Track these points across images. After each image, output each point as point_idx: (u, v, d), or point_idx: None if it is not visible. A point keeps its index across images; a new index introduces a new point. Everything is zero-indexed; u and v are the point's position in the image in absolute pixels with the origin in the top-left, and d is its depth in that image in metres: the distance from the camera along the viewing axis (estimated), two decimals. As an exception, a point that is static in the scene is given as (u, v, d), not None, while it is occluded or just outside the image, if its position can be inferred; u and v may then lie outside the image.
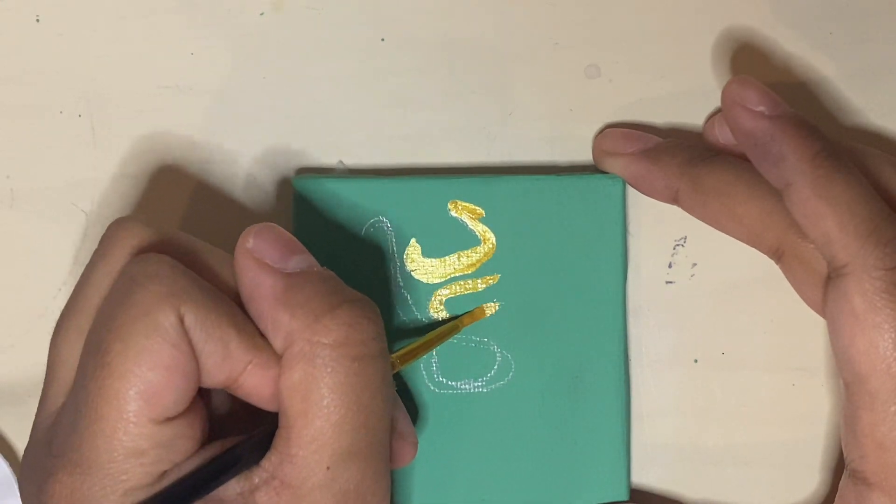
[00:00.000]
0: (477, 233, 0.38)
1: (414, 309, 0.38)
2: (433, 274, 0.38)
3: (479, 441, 0.38)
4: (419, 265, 0.38)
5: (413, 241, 0.38)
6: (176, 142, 0.39)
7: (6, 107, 0.39)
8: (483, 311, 0.38)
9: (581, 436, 0.38)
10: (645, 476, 0.40)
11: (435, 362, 0.38)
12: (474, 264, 0.38)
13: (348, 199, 0.38)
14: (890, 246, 0.32)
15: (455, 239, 0.38)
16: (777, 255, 0.36)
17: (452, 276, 0.38)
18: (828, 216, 0.32)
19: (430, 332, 0.37)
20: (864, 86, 0.39)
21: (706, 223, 0.37)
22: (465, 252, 0.38)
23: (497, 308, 0.38)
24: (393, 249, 0.38)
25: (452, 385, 0.38)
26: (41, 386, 0.33)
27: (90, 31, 0.39)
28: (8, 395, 0.39)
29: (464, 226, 0.38)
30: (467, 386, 0.38)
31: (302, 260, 0.32)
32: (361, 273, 0.38)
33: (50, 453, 0.30)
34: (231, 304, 0.31)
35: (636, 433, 0.39)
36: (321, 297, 0.31)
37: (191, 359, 0.30)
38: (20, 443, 0.40)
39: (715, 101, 0.39)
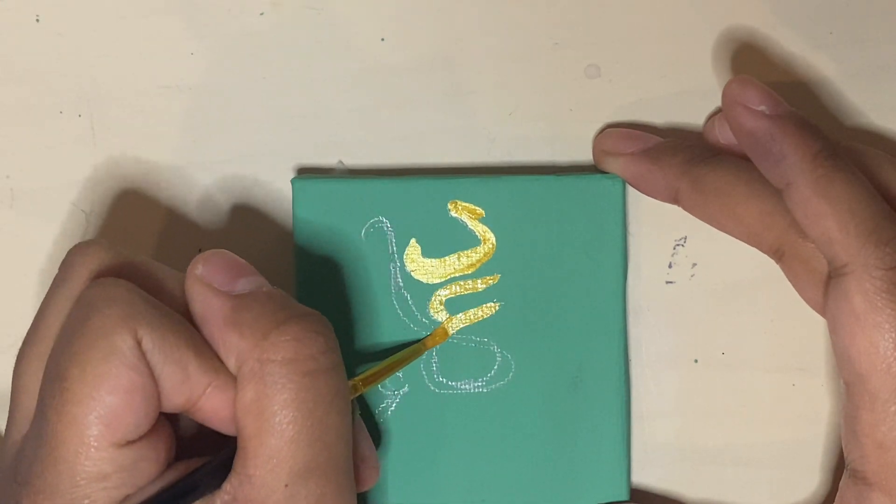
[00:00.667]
0: (477, 233, 0.38)
1: (414, 309, 0.38)
2: (433, 274, 0.38)
3: (478, 441, 0.38)
4: (419, 265, 0.38)
5: (413, 241, 0.38)
6: (176, 142, 0.39)
7: (6, 107, 0.39)
8: (445, 333, 0.38)
9: (581, 436, 0.38)
10: (645, 476, 0.40)
11: (435, 362, 0.38)
12: (474, 264, 0.38)
13: (348, 199, 0.38)
14: (890, 245, 0.32)
15: (455, 239, 0.38)
16: (777, 255, 0.36)
17: (452, 276, 0.38)
18: (828, 216, 0.32)
19: (394, 356, 0.37)
20: (864, 86, 0.39)
21: (706, 223, 0.37)
22: (465, 252, 0.38)
23: (497, 308, 0.38)
24: (393, 250, 0.38)
25: (452, 385, 0.38)
26: (9, 406, 0.33)
27: (90, 31, 0.39)
28: (8, 395, 0.39)
29: (464, 226, 0.38)
30: (467, 386, 0.38)
31: (249, 282, 0.32)
32: (361, 274, 0.38)
33: (15, 481, 0.30)
34: (189, 327, 0.32)
35: (636, 433, 0.39)
36: (268, 315, 0.31)
37: (150, 381, 0.30)
38: (20, 443, 0.40)
39: (715, 101, 0.39)
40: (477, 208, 0.38)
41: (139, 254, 0.33)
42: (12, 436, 0.32)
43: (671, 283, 0.40)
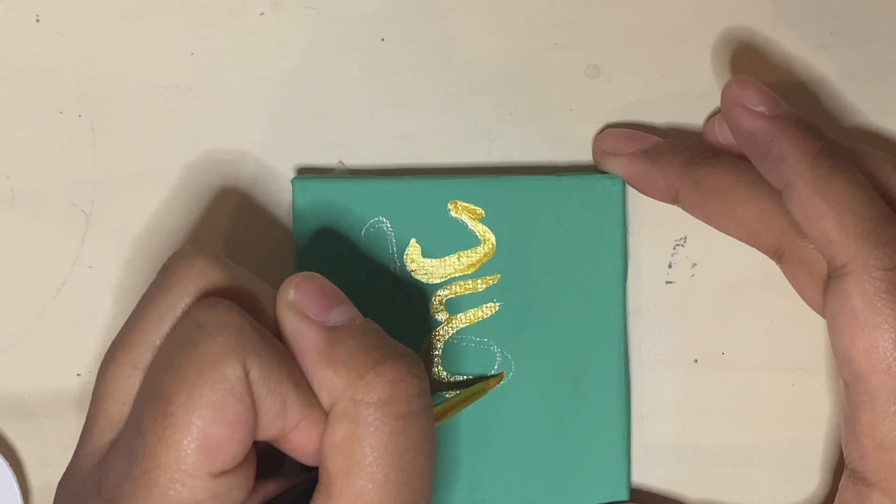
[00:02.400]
0: (477, 233, 0.38)
1: (414, 309, 0.38)
2: (433, 274, 0.38)
3: (479, 441, 0.38)
4: (419, 265, 0.38)
5: (413, 241, 0.38)
6: (176, 142, 0.39)
7: (6, 107, 0.39)
8: (501, 377, 0.38)
9: (581, 436, 0.38)
10: (645, 476, 0.40)
11: (435, 362, 0.38)
12: (474, 264, 0.38)
13: (348, 199, 0.38)
14: (890, 246, 0.32)
15: (455, 239, 0.38)
16: (777, 256, 0.36)
17: (452, 276, 0.38)
18: (827, 216, 0.32)
19: (458, 394, 0.37)
20: (863, 86, 0.39)
21: (706, 223, 0.37)
22: (465, 252, 0.38)
23: (497, 308, 0.38)
24: (393, 250, 0.38)
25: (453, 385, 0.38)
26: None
27: (90, 31, 0.39)
28: (8, 395, 0.39)
29: (464, 226, 0.38)
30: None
31: (343, 312, 0.32)
32: (361, 274, 0.38)
33: (99, 495, 0.30)
34: (291, 357, 0.31)
35: (636, 433, 0.39)
36: (364, 353, 0.30)
37: (252, 413, 0.29)
38: (20, 443, 0.39)
39: (715, 101, 0.39)
40: (477, 208, 0.38)
41: (242, 269, 0.33)
42: (94, 440, 0.31)
43: (671, 283, 0.40)
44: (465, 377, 0.38)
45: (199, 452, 0.29)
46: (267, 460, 0.33)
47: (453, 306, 0.38)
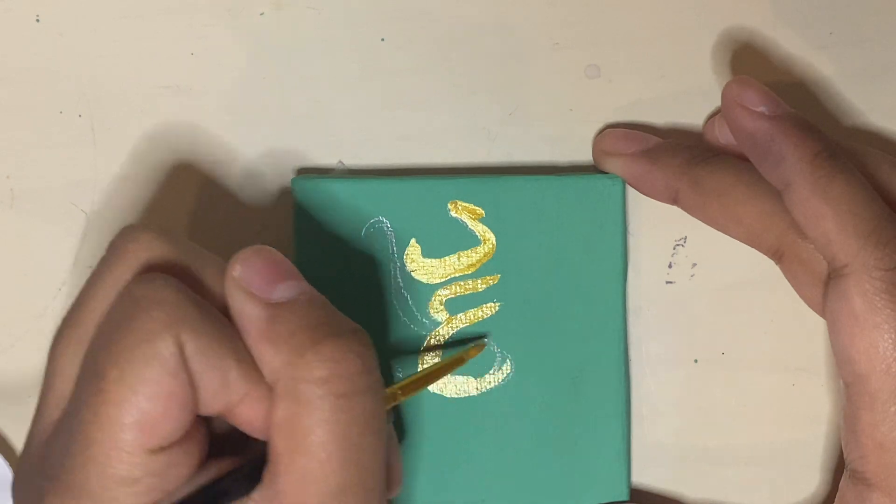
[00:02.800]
0: (477, 233, 0.38)
1: (414, 309, 0.38)
2: (433, 274, 0.38)
3: (478, 441, 0.38)
4: (419, 265, 0.38)
5: (413, 241, 0.38)
6: (176, 142, 0.39)
7: (6, 107, 0.39)
8: (482, 346, 0.38)
9: (581, 436, 0.38)
10: (645, 476, 0.40)
11: (435, 363, 0.38)
12: (474, 264, 0.38)
13: (348, 199, 0.38)
14: (890, 246, 0.32)
15: (455, 239, 0.38)
16: (777, 256, 0.36)
17: (452, 276, 0.38)
18: (828, 216, 0.32)
19: (433, 364, 0.37)
20: (864, 86, 0.40)
21: (706, 224, 0.37)
22: (465, 252, 0.38)
23: (497, 308, 0.38)
24: (393, 250, 0.38)
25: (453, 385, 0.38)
26: (41, 386, 0.33)
27: (90, 31, 0.39)
28: (8, 395, 0.39)
29: (464, 226, 0.38)
30: (467, 386, 0.38)
31: (289, 287, 0.31)
32: (361, 274, 0.38)
33: (42, 473, 0.30)
34: (233, 331, 0.31)
35: (636, 433, 0.39)
36: (305, 331, 0.30)
37: (188, 389, 0.29)
38: (20, 443, 0.39)
39: (715, 101, 0.39)
40: (477, 208, 0.38)
41: (192, 244, 0.33)
42: (43, 419, 0.31)
43: (671, 283, 0.40)
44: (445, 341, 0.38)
45: (135, 428, 0.29)
46: (233, 440, 0.33)
47: (453, 306, 0.38)
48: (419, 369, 0.38)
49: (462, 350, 0.37)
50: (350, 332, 0.31)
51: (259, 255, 0.31)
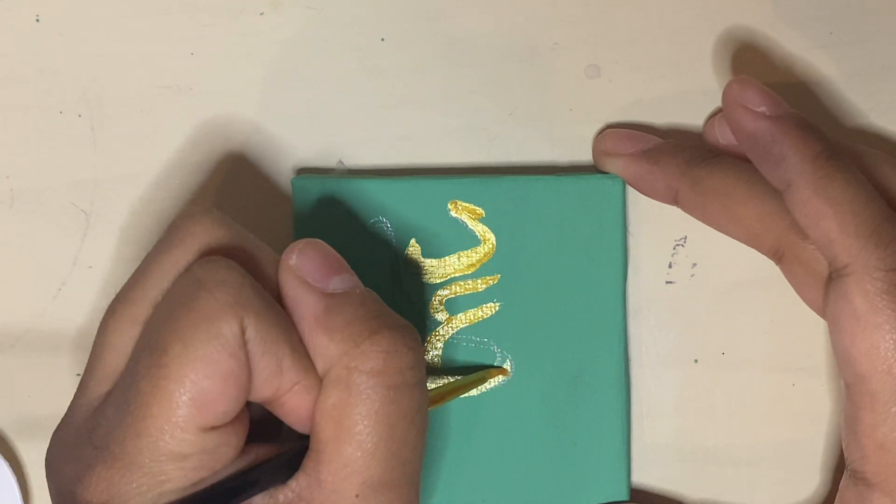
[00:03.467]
0: (477, 233, 0.38)
1: (414, 310, 0.38)
2: (433, 274, 0.38)
3: (478, 441, 0.38)
4: (419, 265, 0.38)
5: (413, 241, 0.38)
6: (176, 142, 0.39)
7: (6, 107, 0.39)
8: (506, 371, 0.38)
9: (581, 436, 0.38)
10: (645, 476, 0.40)
11: (435, 363, 0.38)
12: (474, 264, 0.38)
13: (348, 199, 0.38)
14: (891, 247, 0.32)
15: (455, 239, 0.38)
16: (777, 256, 0.36)
17: (452, 276, 0.38)
18: (829, 217, 0.32)
19: (456, 381, 0.37)
20: (864, 86, 0.39)
21: (706, 224, 0.37)
22: (465, 252, 0.38)
23: (497, 308, 0.38)
24: (393, 250, 0.38)
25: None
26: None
27: (90, 31, 0.39)
28: (8, 395, 0.39)
29: (464, 226, 0.38)
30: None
31: (344, 280, 0.32)
32: (361, 274, 0.38)
33: (91, 443, 0.30)
34: (288, 320, 0.31)
35: (636, 433, 0.39)
36: (361, 322, 0.31)
37: (246, 371, 0.30)
38: (20, 443, 0.39)
39: (715, 101, 0.39)
40: (477, 208, 0.38)
41: (247, 232, 0.33)
42: (90, 391, 0.32)
43: (671, 283, 0.40)
44: (468, 367, 0.38)
45: (191, 405, 0.29)
46: (264, 428, 0.33)
47: (453, 306, 0.38)
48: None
49: (485, 370, 0.38)
50: (404, 326, 0.31)
51: (314, 247, 0.32)
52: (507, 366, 0.38)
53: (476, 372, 0.37)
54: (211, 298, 0.29)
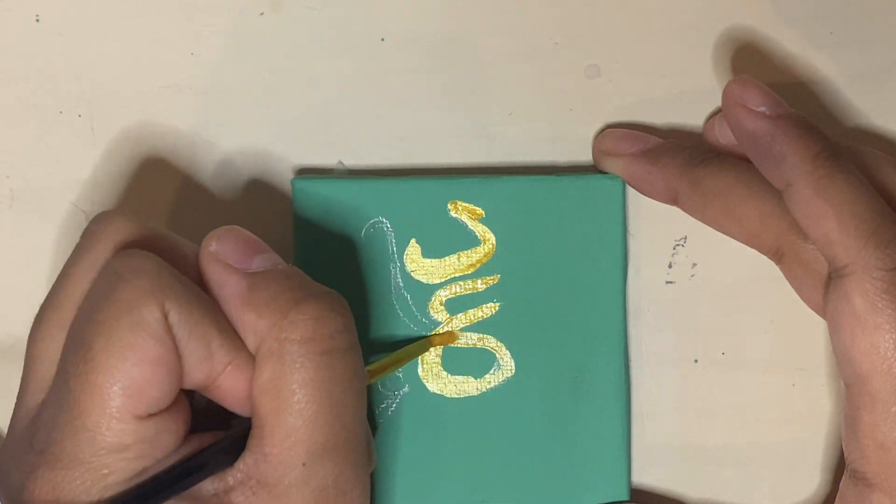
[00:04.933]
0: (477, 233, 0.38)
1: (414, 309, 0.38)
2: (433, 274, 0.38)
3: (479, 441, 0.38)
4: (419, 266, 0.38)
5: (413, 241, 0.38)
6: (176, 142, 0.39)
7: (6, 107, 0.39)
8: (453, 336, 0.38)
9: (581, 436, 0.38)
10: (645, 476, 0.40)
11: (435, 363, 0.38)
12: (474, 264, 0.38)
13: (348, 199, 0.38)
14: (891, 247, 0.32)
15: (455, 239, 0.38)
16: (777, 256, 0.36)
17: (452, 276, 0.38)
18: (829, 216, 0.32)
19: (400, 350, 0.37)
20: (864, 86, 0.39)
21: (706, 224, 0.37)
22: (465, 252, 0.38)
23: (497, 308, 0.38)
24: (393, 250, 0.38)
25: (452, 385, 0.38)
26: (23, 372, 0.33)
27: (90, 31, 0.39)
28: (8, 396, 0.39)
29: (464, 226, 0.38)
30: (467, 386, 0.38)
31: (265, 259, 0.32)
32: (361, 274, 0.38)
33: (31, 449, 0.30)
34: (213, 303, 0.31)
35: (636, 433, 0.39)
36: (285, 294, 0.31)
37: (174, 355, 0.30)
38: (20, 443, 0.39)
39: (715, 101, 0.39)
40: (477, 208, 0.38)
41: (162, 228, 0.33)
42: (26, 403, 0.32)
43: (671, 283, 0.40)
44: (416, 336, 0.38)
45: (123, 395, 0.29)
46: (212, 422, 0.33)
47: (453, 306, 0.38)
48: (419, 370, 0.38)
49: (428, 336, 0.38)
50: (328, 293, 0.32)
51: (232, 231, 0.33)
52: (508, 364, 0.38)
53: (417, 341, 0.37)
54: (130, 287, 0.30)
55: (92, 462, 0.29)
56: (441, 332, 0.38)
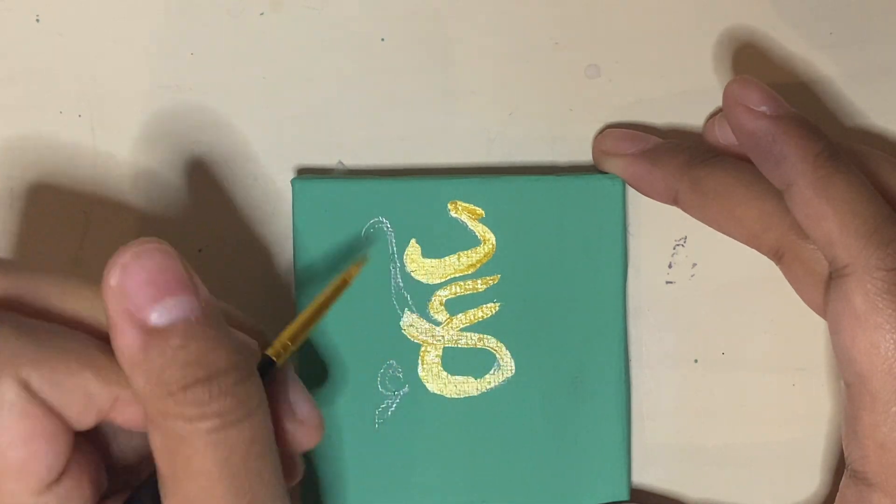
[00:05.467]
0: (477, 233, 0.38)
1: (414, 310, 0.38)
2: (433, 274, 0.38)
3: (479, 441, 0.38)
4: (419, 266, 0.38)
5: (413, 241, 0.38)
6: (175, 142, 0.39)
7: (6, 107, 0.39)
8: (364, 258, 0.37)
9: (581, 436, 0.38)
10: (645, 476, 0.40)
11: (435, 363, 0.38)
12: (474, 265, 0.38)
13: (348, 199, 0.38)
14: (891, 246, 0.32)
15: (455, 239, 0.38)
16: (777, 256, 0.36)
17: (452, 276, 0.38)
18: (829, 216, 0.32)
19: (315, 298, 0.35)
20: (864, 86, 0.39)
21: (706, 224, 0.37)
22: (465, 252, 0.38)
23: (497, 308, 0.38)
24: (393, 250, 0.38)
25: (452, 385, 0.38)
26: None
27: (90, 31, 0.39)
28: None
29: (464, 226, 0.38)
30: (467, 386, 0.38)
31: (172, 307, 0.29)
32: (361, 274, 0.38)
33: None
34: (84, 343, 0.30)
35: (636, 433, 0.39)
36: (175, 369, 0.28)
37: (49, 420, 0.28)
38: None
39: (715, 101, 0.39)
40: (477, 208, 0.38)
41: (17, 263, 0.31)
42: None
43: (671, 283, 0.40)
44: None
45: (8, 480, 0.28)
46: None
47: (453, 306, 0.38)
48: (419, 371, 0.38)
49: (341, 274, 0.35)
50: (223, 372, 0.29)
51: (143, 260, 0.29)
52: (508, 365, 0.38)
53: (331, 283, 0.35)
54: None
55: None
56: (354, 265, 0.36)
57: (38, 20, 0.39)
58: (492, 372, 0.38)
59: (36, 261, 0.39)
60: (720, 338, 0.39)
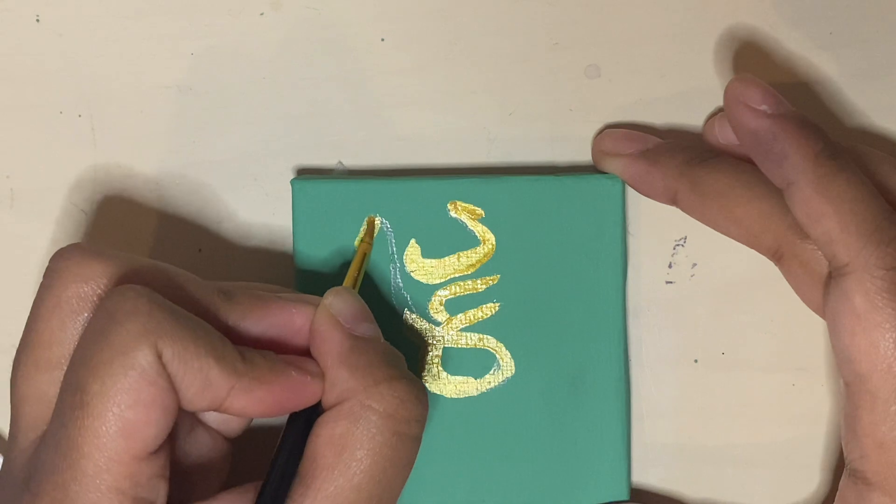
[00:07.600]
0: (477, 233, 0.38)
1: (414, 310, 0.38)
2: (433, 275, 0.38)
3: (479, 441, 0.38)
4: (419, 266, 0.38)
5: (413, 241, 0.38)
6: (175, 142, 0.39)
7: (6, 107, 0.39)
8: (373, 221, 0.38)
9: (581, 436, 0.38)
10: (645, 476, 0.40)
11: (435, 363, 0.38)
12: (474, 265, 0.38)
13: (348, 199, 0.38)
14: (891, 246, 0.32)
15: (455, 239, 0.38)
16: (776, 257, 0.36)
17: (452, 276, 0.38)
18: (829, 215, 0.32)
19: (350, 269, 0.36)
20: (865, 86, 0.39)
21: (705, 224, 0.37)
22: (465, 252, 0.38)
23: (497, 308, 0.38)
24: (393, 250, 0.38)
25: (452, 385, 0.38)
26: (11, 414, 0.33)
27: (90, 31, 0.39)
28: (8, 395, 0.39)
29: (463, 226, 0.38)
30: (467, 386, 0.38)
31: (370, 328, 0.34)
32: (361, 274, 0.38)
33: (28, 490, 0.30)
34: (211, 332, 0.31)
35: (636, 433, 0.39)
36: (382, 366, 0.33)
37: (169, 393, 0.30)
38: (20, 443, 0.39)
39: (715, 101, 0.39)
40: (477, 209, 0.38)
41: (134, 256, 0.33)
42: (19, 443, 0.32)
43: (671, 283, 0.40)
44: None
45: (119, 437, 0.30)
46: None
47: (453, 307, 0.38)
48: (419, 371, 0.38)
49: (359, 245, 0.38)
50: (420, 382, 0.33)
51: (350, 293, 0.34)
52: (508, 365, 0.38)
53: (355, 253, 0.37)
54: (122, 330, 0.30)
55: None
56: (366, 232, 0.38)
57: (38, 20, 0.39)
58: (491, 372, 0.38)
59: (38, 259, 0.39)
60: (720, 338, 0.39)
